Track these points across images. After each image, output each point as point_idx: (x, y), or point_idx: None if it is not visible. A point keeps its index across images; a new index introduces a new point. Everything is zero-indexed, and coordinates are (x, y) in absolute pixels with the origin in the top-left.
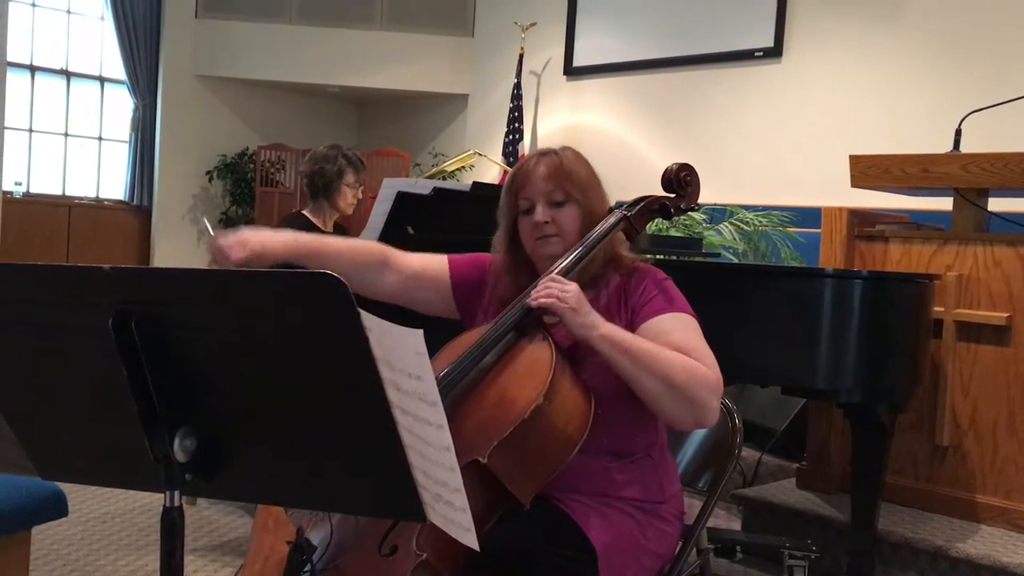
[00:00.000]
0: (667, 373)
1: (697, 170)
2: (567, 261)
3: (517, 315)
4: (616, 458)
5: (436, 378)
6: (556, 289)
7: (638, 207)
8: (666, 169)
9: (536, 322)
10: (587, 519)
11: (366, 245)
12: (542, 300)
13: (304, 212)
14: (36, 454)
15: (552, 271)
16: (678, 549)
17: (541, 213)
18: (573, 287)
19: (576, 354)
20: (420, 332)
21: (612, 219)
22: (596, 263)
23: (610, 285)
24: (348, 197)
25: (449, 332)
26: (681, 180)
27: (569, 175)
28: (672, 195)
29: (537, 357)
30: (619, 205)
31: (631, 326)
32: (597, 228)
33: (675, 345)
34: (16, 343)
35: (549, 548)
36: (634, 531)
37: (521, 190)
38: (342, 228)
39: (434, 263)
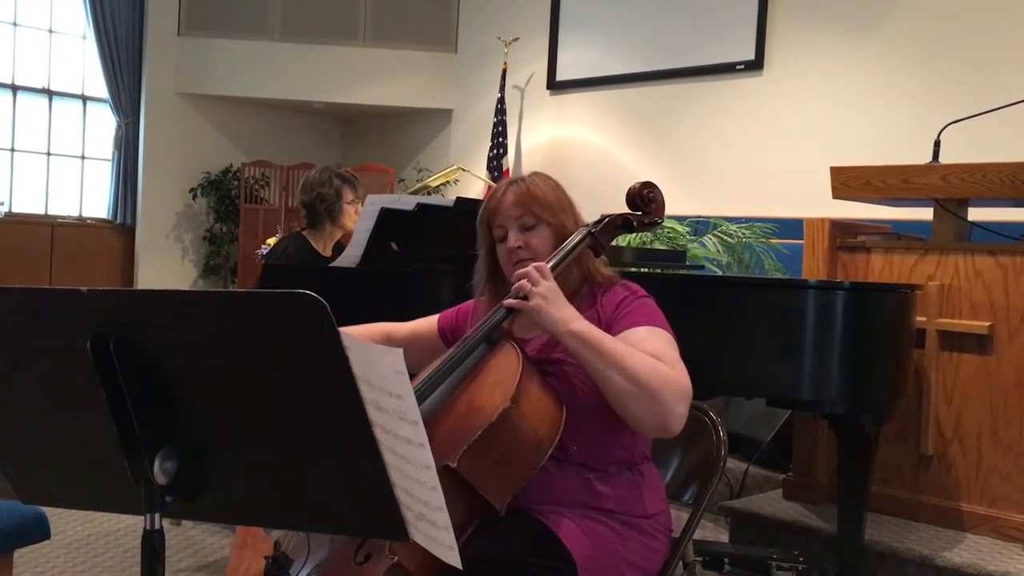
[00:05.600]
0: (635, 372)
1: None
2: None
3: (487, 327)
4: (591, 470)
5: None
6: (532, 276)
7: (602, 223)
8: (630, 188)
9: (505, 334)
10: (566, 530)
11: (370, 329)
12: (515, 283)
13: (303, 233)
14: (16, 478)
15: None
16: (664, 562)
17: (514, 239)
18: (550, 281)
19: (545, 366)
20: (400, 351)
21: (578, 235)
22: (572, 278)
23: (585, 300)
24: (351, 214)
25: None
26: (644, 197)
27: (536, 199)
28: (637, 212)
29: (504, 364)
30: (603, 220)
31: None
32: (564, 243)
33: (648, 353)
34: None
35: (527, 558)
36: (614, 543)
37: (493, 220)
38: (342, 248)
39: (425, 323)
